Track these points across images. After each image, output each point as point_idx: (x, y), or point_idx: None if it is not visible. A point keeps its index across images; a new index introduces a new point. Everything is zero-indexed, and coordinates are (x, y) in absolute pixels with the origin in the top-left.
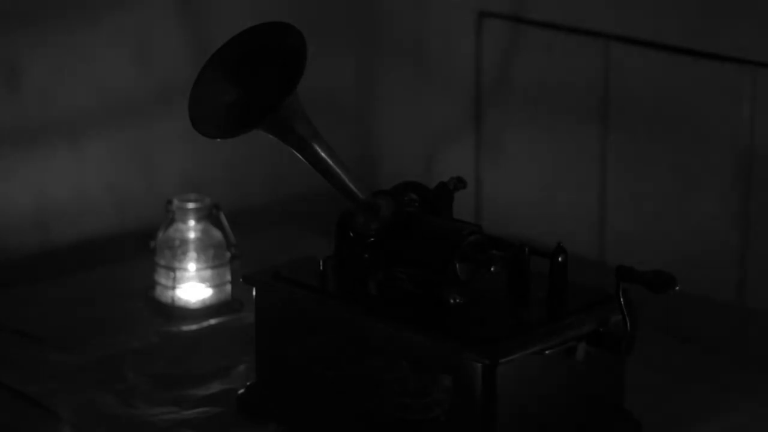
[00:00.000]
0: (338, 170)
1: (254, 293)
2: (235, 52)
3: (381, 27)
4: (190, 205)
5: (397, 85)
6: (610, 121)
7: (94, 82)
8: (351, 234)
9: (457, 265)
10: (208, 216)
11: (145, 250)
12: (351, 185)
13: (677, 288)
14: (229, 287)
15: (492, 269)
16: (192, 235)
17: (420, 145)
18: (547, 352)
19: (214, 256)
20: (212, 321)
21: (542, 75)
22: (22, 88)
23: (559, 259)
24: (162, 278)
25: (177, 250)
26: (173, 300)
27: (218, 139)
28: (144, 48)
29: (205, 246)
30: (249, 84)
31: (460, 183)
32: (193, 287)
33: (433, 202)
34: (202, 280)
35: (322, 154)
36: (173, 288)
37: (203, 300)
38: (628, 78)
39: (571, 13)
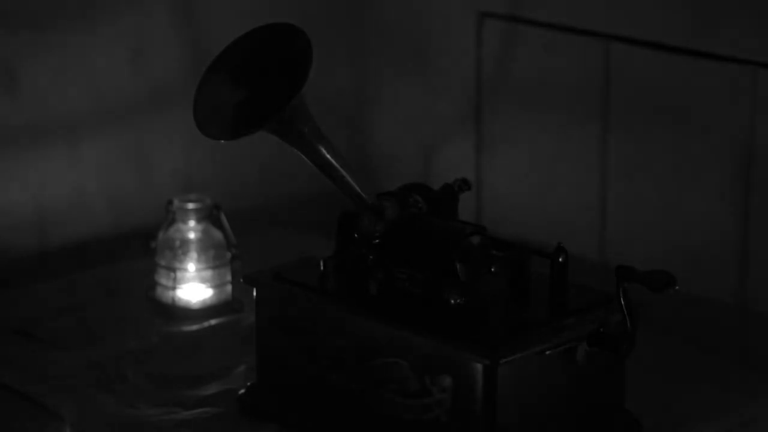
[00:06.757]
0: (343, 172)
1: (255, 293)
2: (241, 53)
3: (381, 27)
4: (191, 206)
5: (397, 85)
6: (610, 121)
7: (92, 83)
8: (355, 235)
9: (458, 266)
10: (209, 216)
11: (145, 250)
12: (356, 187)
13: (677, 288)
14: (229, 287)
15: (492, 270)
16: (192, 235)
17: (420, 146)
18: (547, 352)
19: (214, 256)
20: (213, 321)
21: (542, 75)
22: (19, 90)
23: (560, 259)
24: (162, 278)
25: (177, 250)
26: (174, 300)
27: (222, 141)
28: (141, 49)
29: (205, 246)
30: (254, 85)
31: (464, 185)
32: (193, 287)
33: (437, 204)
34: (203, 281)
35: (328, 156)
36: (174, 288)
37: (204, 300)
38: (628, 78)
39: (571, 13)
